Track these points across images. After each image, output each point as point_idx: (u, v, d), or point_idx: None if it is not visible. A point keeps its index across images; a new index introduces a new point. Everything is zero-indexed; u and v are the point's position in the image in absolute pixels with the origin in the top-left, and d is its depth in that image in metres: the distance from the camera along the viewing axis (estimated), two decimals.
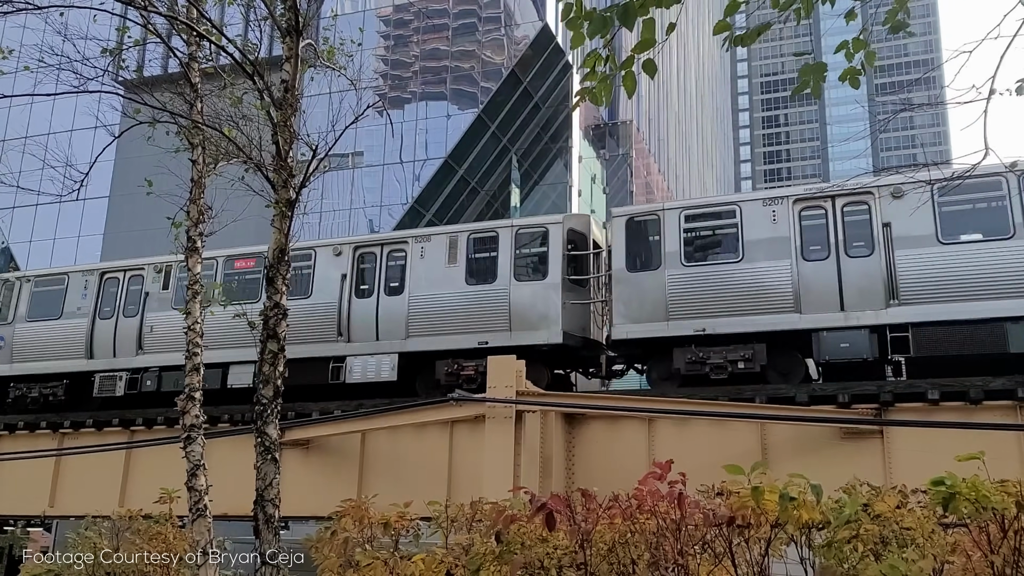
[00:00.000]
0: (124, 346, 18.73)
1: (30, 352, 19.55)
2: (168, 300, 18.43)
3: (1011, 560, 5.52)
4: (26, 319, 19.75)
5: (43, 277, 20.58)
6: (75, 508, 16.36)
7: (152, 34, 9.96)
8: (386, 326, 16.74)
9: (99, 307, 19.26)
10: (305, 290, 17.38)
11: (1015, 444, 11.97)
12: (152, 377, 18.13)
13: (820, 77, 5.04)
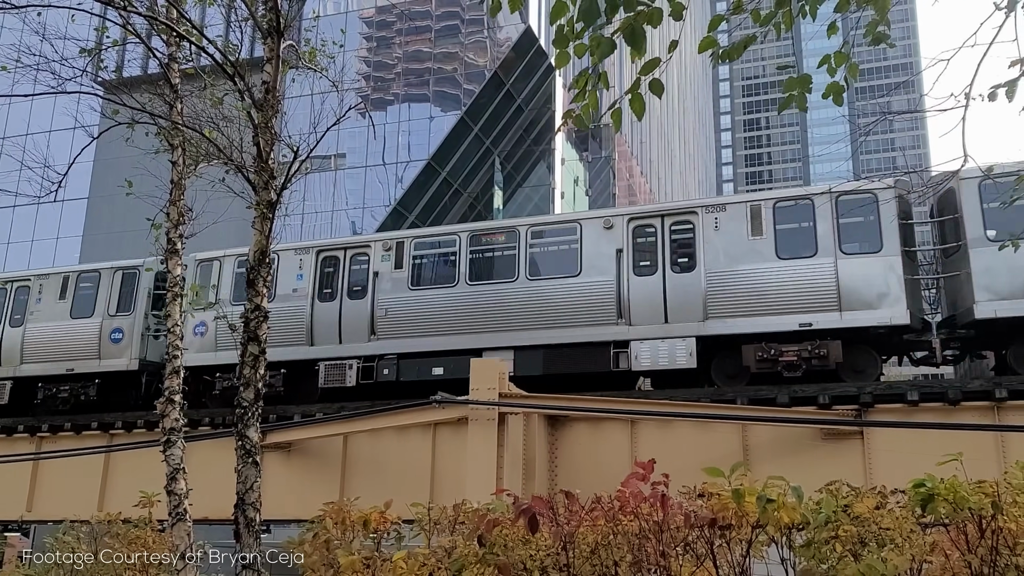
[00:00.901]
0: (353, 331, 17.03)
1: (232, 339, 17.71)
2: (403, 280, 16.85)
3: (988, 560, 5.57)
4: (231, 302, 17.55)
5: (247, 257, 18.78)
6: (53, 512, 16.18)
7: (131, 34, 9.87)
8: (677, 307, 15.04)
9: (318, 289, 17.49)
10: (572, 268, 15.81)
11: (993, 444, 12.10)
12: (389, 365, 16.41)
13: (805, 89, 5.05)
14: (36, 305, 19.38)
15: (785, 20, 4.69)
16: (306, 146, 8.43)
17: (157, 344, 18.23)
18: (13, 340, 19.26)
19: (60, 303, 19.20)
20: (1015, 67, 5.08)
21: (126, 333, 18.45)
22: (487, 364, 13.61)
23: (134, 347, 18.34)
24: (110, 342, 18.52)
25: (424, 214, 45.16)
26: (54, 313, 19.17)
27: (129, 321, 18.59)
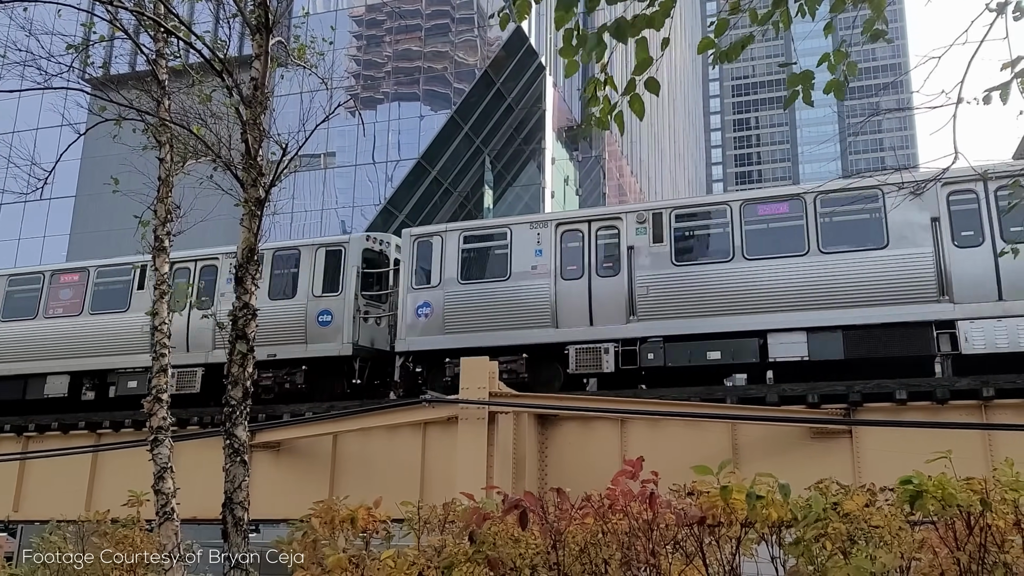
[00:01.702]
0: (607, 312, 15.47)
1: (467, 320, 16.14)
2: (665, 255, 15.29)
3: (976, 556, 5.59)
4: (459, 281, 16.45)
5: (476, 231, 17.25)
6: (40, 512, 16.07)
7: (119, 30, 9.81)
8: None
9: (561, 265, 15.94)
10: (878, 239, 14.17)
11: (980, 443, 12.16)
12: (655, 349, 14.87)
13: (808, 85, 5.05)
14: (227, 286, 17.57)
15: (783, 19, 4.69)
16: (295, 143, 8.39)
17: (368, 328, 17.16)
18: (203, 324, 17.50)
19: None
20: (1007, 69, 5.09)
21: (335, 315, 16.95)
22: (478, 363, 13.59)
23: (346, 330, 16.78)
24: (318, 325, 17.04)
25: (414, 213, 45.08)
26: None
27: (338, 302, 17.03)
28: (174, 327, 17.22)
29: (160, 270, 10.04)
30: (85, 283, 18.94)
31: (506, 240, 16.36)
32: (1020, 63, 5.06)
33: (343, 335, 16.76)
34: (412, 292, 16.53)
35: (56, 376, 18.33)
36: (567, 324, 15.49)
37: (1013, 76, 5.07)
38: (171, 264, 17.76)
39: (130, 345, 18.03)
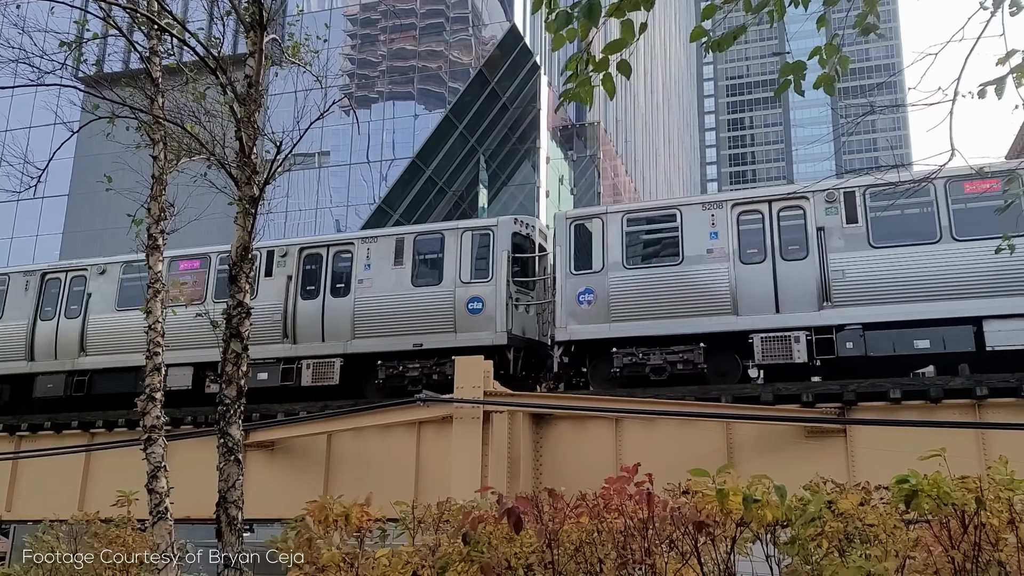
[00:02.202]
0: (794, 298, 14.49)
1: (635, 308, 15.09)
2: (861, 237, 14.33)
3: (971, 555, 5.60)
4: (624, 265, 15.39)
5: (641, 213, 16.13)
6: (33, 512, 16.02)
7: (112, 27, 9.77)
8: None
9: (740, 249, 14.99)
10: None
11: (973, 441, 12.19)
12: (853, 338, 13.89)
13: (799, 76, 5.02)
14: (365, 272, 16.91)
15: (777, 8, 4.68)
16: (289, 141, 8.37)
17: (519, 316, 16.35)
18: (339, 311, 16.81)
19: (397, 269, 16.76)
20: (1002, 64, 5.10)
21: (487, 302, 16.06)
22: (472, 362, 13.58)
23: (499, 318, 15.88)
24: (468, 313, 16.16)
25: (409, 212, 45.04)
26: (390, 281, 16.74)
27: (489, 289, 16.12)
28: (308, 314, 16.91)
29: (154, 268, 10.00)
30: (207, 270, 18.09)
31: (676, 223, 15.34)
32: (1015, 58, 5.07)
33: (496, 323, 15.90)
34: (572, 278, 15.59)
35: (178, 368, 17.28)
36: (749, 311, 14.56)
37: (1009, 71, 5.07)
38: (301, 249, 17.47)
39: (259, 335, 16.74)
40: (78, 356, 18.55)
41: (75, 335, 18.67)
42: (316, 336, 16.76)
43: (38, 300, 19.31)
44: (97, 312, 18.66)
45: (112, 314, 18.45)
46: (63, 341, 18.77)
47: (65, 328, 18.84)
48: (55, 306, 19.15)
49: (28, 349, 18.95)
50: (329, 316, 16.87)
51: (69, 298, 19.13)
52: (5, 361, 18.92)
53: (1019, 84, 5.07)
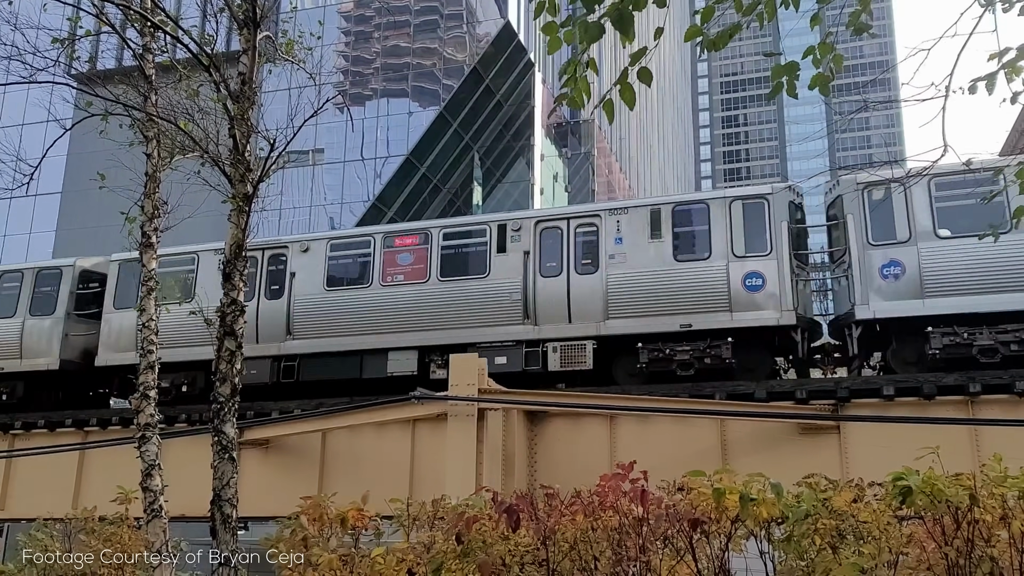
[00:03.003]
0: None
1: (958, 281, 13.71)
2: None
3: (964, 551, 5.62)
4: (936, 234, 14.08)
5: (951, 175, 13.81)
6: (27, 511, 15.97)
7: (105, 24, 9.73)
8: None
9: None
10: None
11: (967, 438, 12.23)
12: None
13: (793, 77, 5.02)
14: (616, 246, 15.50)
15: (768, 9, 4.68)
16: (283, 139, 8.35)
17: (802, 292, 15.06)
18: (588, 289, 15.37)
19: (655, 243, 15.38)
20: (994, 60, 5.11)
21: (767, 278, 14.69)
22: (466, 360, 13.57)
23: (785, 296, 14.51)
24: (744, 290, 14.79)
25: (403, 210, 45.00)
26: (648, 256, 15.36)
27: (769, 264, 14.77)
28: (550, 293, 15.42)
29: (147, 266, 9.97)
30: (428, 246, 16.75)
31: (999, 184, 13.23)
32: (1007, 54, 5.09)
33: (781, 301, 14.49)
34: (871, 249, 14.15)
35: (400, 352, 16.15)
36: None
37: (1000, 66, 5.09)
38: (538, 222, 16.10)
39: (492, 316, 15.80)
40: (284, 340, 17.05)
41: (280, 317, 17.21)
42: (561, 316, 15.46)
43: (115, 289, 18.49)
44: (303, 292, 17.23)
45: (321, 294, 17.06)
46: (266, 323, 17.23)
47: (267, 310, 17.39)
48: (254, 286, 17.37)
49: None
50: (576, 295, 15.52)
51: (269, 277, 17.68)
52: (200, 346, 16.73)
53: (1010, 80, 5.09)
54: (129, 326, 17.19)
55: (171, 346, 16.01)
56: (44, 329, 18.61)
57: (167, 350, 16.09)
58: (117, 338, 17.95)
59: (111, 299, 18.37)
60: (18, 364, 18.48)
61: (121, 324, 17.87)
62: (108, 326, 18.16)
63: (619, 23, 4.23)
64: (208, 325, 8.21)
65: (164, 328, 16.31)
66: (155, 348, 9.64)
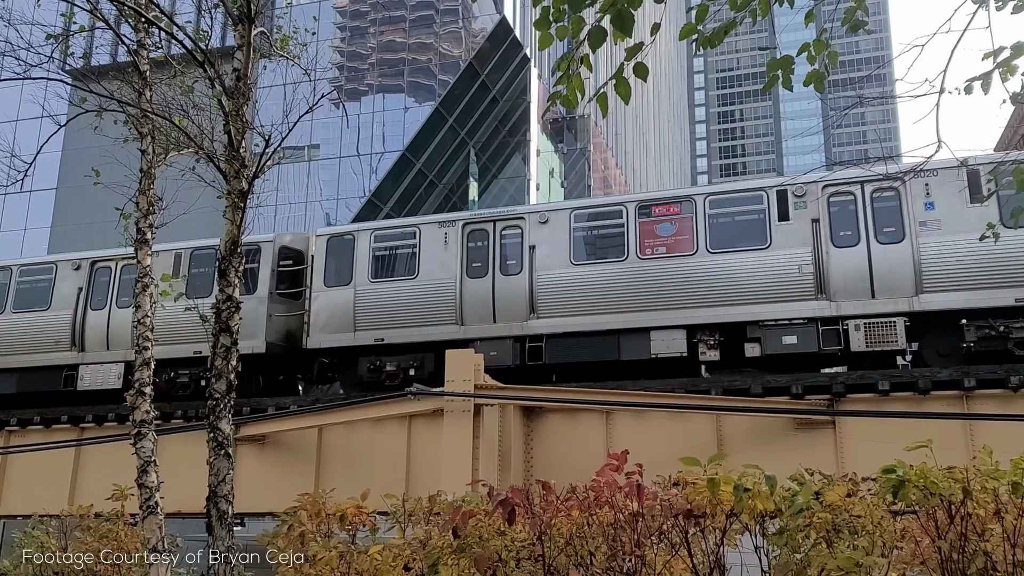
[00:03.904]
0: None
1: None
2: None
3: (957, 545, 5.64)
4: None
5: None
6: (22, 507, 15.96)
7: (99, 20, 9.70)
8: None
9: None
10: None
11: (961, 433, 12.28)
12: None
13: (788, 70, 5.02)
14: (927, 212, 14.11)
15: (761, 6, 4.69)
16: (278, 135, 8.34)
17: None
18: (895, 261, 13.99)
19: (975, 208, 13.75)
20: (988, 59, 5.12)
21: None
22: (462, 355, 13.59)
23: None
24: None
25: (399, 205, 44.96)
26: (970, 222, 13.58)
27: None
28: (848, 265, 13.89)
29: (143, 263, 9.96)
30: (692, 215, 15.31)
31: None
32: (1002, 53, 5.10)
33: None
34: None
35: (665, 331, 14.83)
36: None
37: (995, 66, 5.10)
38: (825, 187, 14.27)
39: (774, 290, 14.51)
40: (527, 319, 15.67)
41: (520, 294, 15.84)
42: (863, 291, 14.06)
43: (462, 254, 16.39)
44: (547, 267, 15.90)
45: (567, 268, 15.72)
46: (504, 301, 15.95)
47: (504, 286, 16.07)
48: (486, 260, 16.30)
49: (458, 311, 16.05)
50: (880, 265, 14.12)
51: (504, 252, 16.35)
52: (433, 325, 15.99)
53: (1005, 79, 5.10)
54: (343, 305, 16.48)
55: (402, 326, 15.86)
56: (246, 310, 17.13)
57: (402, 330, 15.79)
58: (329, 319, 16.65)
59: (320, 276, 17.03)
60: None
61: (334, 303, 16.69)
62: (318, 305, 16.80)
63: (618, 21, 4.23)
64: (203, 322, 8.19)
65: (393, 307, 16.05)
66: (151, 345, 9.62)
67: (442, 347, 14.91)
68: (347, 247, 17.07)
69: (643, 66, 4.53)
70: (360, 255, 16.83)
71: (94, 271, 18.56)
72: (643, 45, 4.47)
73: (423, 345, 15.89)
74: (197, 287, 17.11)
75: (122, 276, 18.16)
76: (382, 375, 15.94)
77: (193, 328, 15.65)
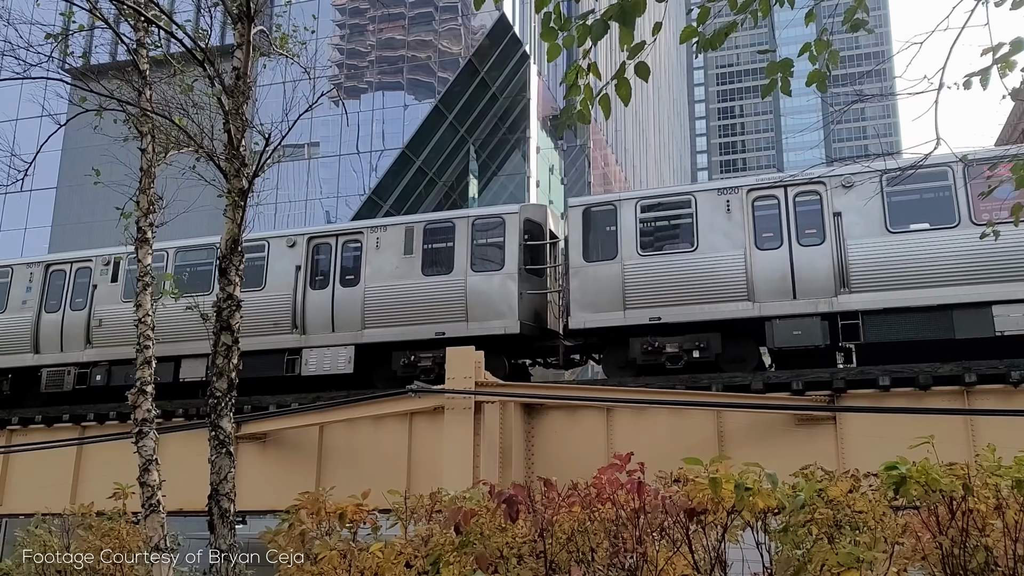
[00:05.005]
0: None
1: None
2: None
3: (959, 541, 5.65)
4: None
5: None
6: (25, 506, 15.97)
7: (98, 19, 9.70)
8: None
9: None
10: None
11: (962, 428, 12.28)
12: None
13: (787, 73, 5.02)
14: None
15: (762, 7, 4.69)
16: (278, 133, 8.34)
17: None
18: None
19: None
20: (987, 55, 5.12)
21: None
22: (463, 353, 13.58)
23: None
24: None
25: (399, 203, 44.94)
26: None
27: None
28: None
29: (143, 262, 9.96)
30: (951, 184, 13.83)
31: None
32: (1001, 48, 5.09)
33: None
34: None
35: (1013, 306, 13.23)
36: None
37: (993, 62, 5.10)
38: None
39: None
40: (836, 294, 14.16)
41: (823, 267, 14.39)
42: None
43: (749, 224, 14.84)
44: (860, 237, 14.30)
45: (882, 237, 14.21)
46: (803, 274, 14.47)
47: (803, 258, 14.63)
48: (776, 231, 14.97)
49: (749, 286, 14.61)
50: None
51: (799, 219, 14.82)
52: (718, 302, 14.65)
53: (1003, 75, 5.10)
54: (609, 281, 15.12)
55: (680, 303, 14.57)
56: (495, 287, 15.99)
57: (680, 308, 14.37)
58: (595, 296, 15.23)
59: (578, 251, 15.63)
60: (464, 328, 15.87)
61: (597, 279, 15.30)
62: (579, 282, 15.46)
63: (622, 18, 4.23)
64: (204, 320, 8.19)
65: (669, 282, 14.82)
66: (152, 344, 9.63)
67: (729, 326, 14.32)
68: (608, 218, 15.79)
69: (644, 66, 4.53)
70: (625, 226, 15.48)
71: (311, 248, 17.55)
72: (644, 44, 4.47)
73: (704, 324, 14.59)
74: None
75: (343, 252, 17.27)
76: (661, 357, 14.69)
77: (437, 307, 15.75)
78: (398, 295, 16.38)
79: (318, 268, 17.36)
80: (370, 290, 16.61)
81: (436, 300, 16.10)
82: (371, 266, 16.77)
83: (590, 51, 4.56)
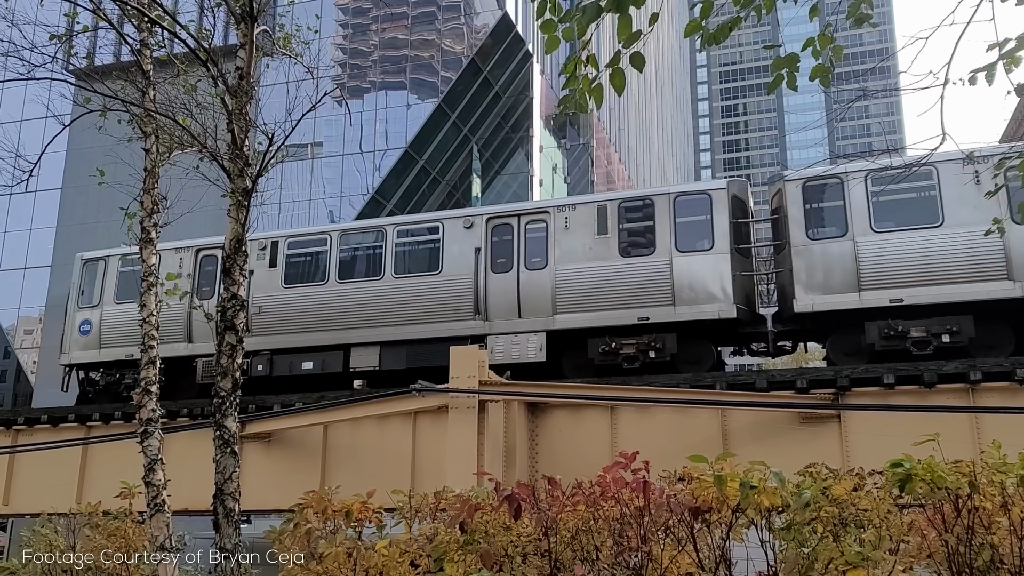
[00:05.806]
0: None
1: None
2: None
3: (964, 538, 5.64)
4: None
5: None
6: (31, 506, 16.02)
7: (102, 20, 9.71)
8: None
9: None
10: None
11: (967, 426, 12.25)
12: None
13: (793, 69, 5.02)
14: None
15: (765, 3, 4.68)
16: (281, 133, 8.35)
17: None
18: None
19: None
20: (993, 50, 5.11)
21: None
22: (467, 352, 13.59)
23: None
24: None
25: (402, 202, 44.96)
26: None
27: None
28: None
29: (147, 261, 9.98)
30: None
31: None
32: (1007, 44, 5.08)
33: None
34: None
35: None
36: None
37: (999, 57, 5.09)
38: None
39: None
40: None
41: None
42: None
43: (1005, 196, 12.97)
44: None
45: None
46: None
47: None
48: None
49: (1008, 264, 13.28)
50: None
51: None
52: (970, 282, 13.40)
53: (1009, 71, 5.09)
54: (840, 260, 14.05)
55: (926, 283, 13.42)
56: (706, 268, 14.98)
57: (927, 289, 13.17)
58: (823, 277, 14.20)
59: (799, 228, 14.53)
60: (671, 312, 14.85)
61: (824, 259, 14.25)
62: (802, 262, 14.37)
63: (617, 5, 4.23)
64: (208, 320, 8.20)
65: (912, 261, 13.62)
66: (156, 343, 9.65)
67: (981, 308, 13.12)
68: (834, 193, 14.64)
69: (640, 56, 4.52)
70: (856, 202, 14.27)
71: (490, 229, 16.56)
72: (640, 33, 4.45)
73: (953, 307, 13.40)
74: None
75: (527, 233, 16.24)
76: (906, 342, 13.52)
77: (638, 291, 14.93)
78: (594, 278, 15.34)
79: (499, 250, 16.39)
80: (561, 273, 15.59)
81: (637, 283, 15.08)
82: (560, 247, 15.73)
83: (589, 42, 4.56)
